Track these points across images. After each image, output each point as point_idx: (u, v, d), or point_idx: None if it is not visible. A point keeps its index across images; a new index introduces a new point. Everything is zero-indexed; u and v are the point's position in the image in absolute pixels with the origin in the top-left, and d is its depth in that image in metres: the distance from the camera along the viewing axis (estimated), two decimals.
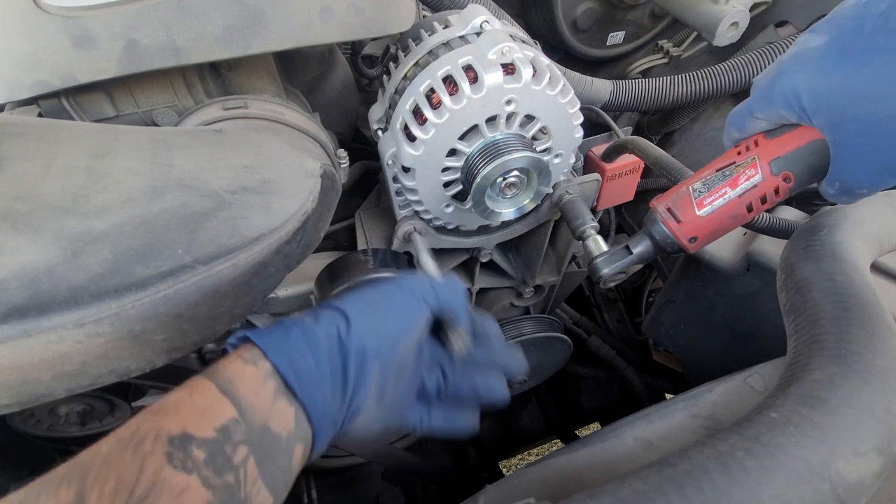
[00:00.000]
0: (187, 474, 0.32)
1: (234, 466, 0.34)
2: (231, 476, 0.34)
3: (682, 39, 1.03)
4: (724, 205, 0.50)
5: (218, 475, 0.33)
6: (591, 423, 1.37)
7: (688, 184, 0.52)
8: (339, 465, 1.08)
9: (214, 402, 0.36)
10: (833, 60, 0.41)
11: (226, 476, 0.34)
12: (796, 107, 0.43)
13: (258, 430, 0.37)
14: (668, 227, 0.53)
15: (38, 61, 0.49)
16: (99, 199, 0.39)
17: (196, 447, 0.33)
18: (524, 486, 0.44)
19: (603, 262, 0.58)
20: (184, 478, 0.32)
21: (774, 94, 0.45)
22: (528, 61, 0.55)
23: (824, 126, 0.43)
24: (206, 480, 0.33)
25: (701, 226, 0.51)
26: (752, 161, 0.48)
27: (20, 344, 0.33)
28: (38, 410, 0.73)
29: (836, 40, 0.41)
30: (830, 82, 0.41)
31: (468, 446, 1.22)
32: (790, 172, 0.47)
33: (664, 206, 0.53)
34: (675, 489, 0.30)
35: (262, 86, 0.62)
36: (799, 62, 0.43)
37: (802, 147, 0.46)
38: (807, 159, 0.46)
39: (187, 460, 0.33)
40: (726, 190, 0.49)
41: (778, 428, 0.33)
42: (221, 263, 0.39)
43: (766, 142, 0.48)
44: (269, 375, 0.39)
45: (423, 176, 0.59)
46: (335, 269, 0.62)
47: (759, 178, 0.48)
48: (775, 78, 0.45)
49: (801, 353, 0.38)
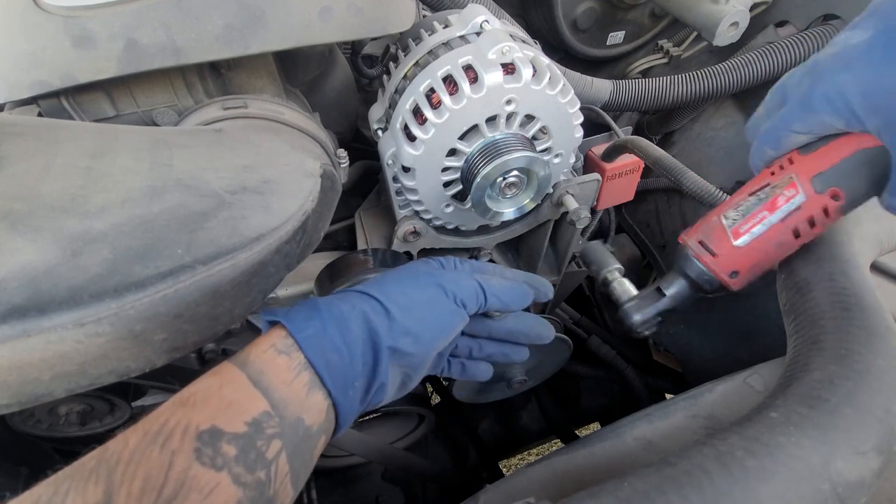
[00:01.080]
0: (217, 472, 0.31)
1: (266, 462, 0.33)
2: (263, 472, 0.33)
3: (682, 39, 1.03)
4: (766, 231, 0.44)
5: (249, 472, 0.32)
6: (591, 423, 1.37)
7: (719, 213, 0.47)
8: (339, 465, 1.07)
9: (245, 394, 0.35)
10: (884, 55, 0.36)
11: (258, 472, 0.33)
12: (845, 111, 0.38)
13: (292, 423, 0.36)
14: (703, 263, 0.47)
15: (38, 61, 0.49)
16: (98, 199, 0.39)
17: (226, 443, 0.32)
18: (524, 486, 0.44)
19: (633, 307, 0.52)
20: (213, 476, 0.31)
21: (816, 100, 0.39)
22: (528, 61, 0.55)
23: (882, 129, 0.37)
24: (237, 478, 0.32)
25: (741, 257, 0.46)
26: (789, 181, 0.43)
27: (20, 344, 0.33)
28: (38, 410, 0.73)
29: (884, 33, 0.37)
30: (885, 79, 0.36)
31: (468, 446, 1.22)
32: (838, 189, 0.41)
33: (695, 239, 0.48)
34: (675, 489, 0.30)
35: (261, 86, 0.62)
36: (842, 61, 0.38)
37: (849, 158, 0.40)
38: (857, 171, 0.40)
39: (217, 457, 0.32)
40: (764, 214, 0.44)
41: (778, 427, 0.33)
42: (221, 263, 0.39)
43: (802, 158, 0.42)
44: (303, 368, 0.38)
45: (423, 176, 0.59)
46: (335, 268, 0.62)
47: (801, 198, 0.42)
48: (815, 82, 0.40)
49: (801, 353, 0.38)
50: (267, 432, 0.34)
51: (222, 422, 0.33)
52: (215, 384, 0.36)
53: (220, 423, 0.33)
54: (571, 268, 0.84)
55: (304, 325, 0.40)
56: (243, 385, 0.36)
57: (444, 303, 0.46)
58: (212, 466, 0.31)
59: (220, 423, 0.33)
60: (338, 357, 0.40)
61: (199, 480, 0.31)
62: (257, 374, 0.37)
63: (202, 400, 0.35)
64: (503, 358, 0.56)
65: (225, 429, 0.33)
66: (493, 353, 0.55)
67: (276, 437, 0.35)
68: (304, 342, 0.39)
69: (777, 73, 0.83)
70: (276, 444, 0.34)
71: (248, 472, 0.32)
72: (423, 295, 0.45)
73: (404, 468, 0.92)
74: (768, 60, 0.82)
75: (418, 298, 0.45)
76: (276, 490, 0.34)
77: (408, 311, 0.43)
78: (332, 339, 0.40)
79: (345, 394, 0.40)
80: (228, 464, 0.32)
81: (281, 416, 0.35)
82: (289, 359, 0.38)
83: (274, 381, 0.37)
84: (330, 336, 0.40)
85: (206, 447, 0.32)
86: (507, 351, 0.56)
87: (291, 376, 0.38)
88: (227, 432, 0.33)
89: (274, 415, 0.35)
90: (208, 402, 0.34)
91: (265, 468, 0.33)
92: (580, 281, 0.95)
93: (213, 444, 0.32)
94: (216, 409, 0.34)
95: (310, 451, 0.38)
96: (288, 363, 0.38)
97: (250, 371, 0.37)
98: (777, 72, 0.83)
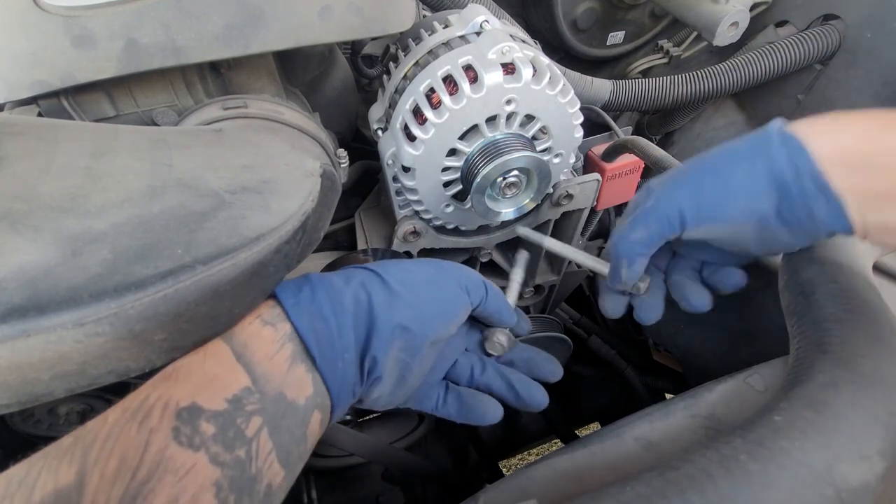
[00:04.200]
0: (194, 452, 0.30)
1: (246, 439, 0.33)
2: (242, 450, 0.32)
3: (682, 39, 1.03)
4: None
5: (228, 450, 0.32)
6: (591, 423, 1.37)
7: None
8: (339, 464, 1.07)
9: (227, 368, 0.35)
10: None
11: (237, 451, 0.32)
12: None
13: (273, 398, 0.35)
14: None
15: (38, 61, 0.49)
16: (98, 198, 0.39)
17: (205, 420, 0.32)
18: (524, 486, 0.43)
19: None
20: (190, 456, 0.30)
21: None
22: (528, 61, 0.54)
23: None
24: (215, 457, 0.31)
25: None
26: None
27: (19, 344, 0.33)
28: (37, 410, 0.73)
29: None
30: None
31: (468, 446, 1.22)
32: None
33: None
34: (678, 493, 0.30)
35: (261, 85, 0.62)
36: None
37: None
38: None
39: (195, 436, 0.31)
40: None
41: (781, 431, 0.32)
42: (221, 263, 0.39)
43: None
44: (288, 338, 0.37)
45: (423, 176, 0.58)
46: (335, 268, 0.62)
47: None
48: None
49: (805, 355, 0.38)
50: (247, 409, 0.33)
51: (203, 398, 0.32)
52: (199, 358, 0.35)
53: (201, 400, 0.32)
54: (571, 268, 0.84)
55: (292, 294, 0.39)
56: (226, 359, 0.35)
57: (447, 283, 0.45)
58: (189, 446, 0.31)
59: (200, 399, 0.32)
60: (325, 327, 0.39)
61: (175, 461, 0.30)
62: (241, 348, 0.36)
63: (185, 374, 0.34)
64: (508, 392, 0.51)
65: (204, 406, 0.32)
66: (496, 384, 0.51)
67: (255, 414, 0.34)
68: (291, 309, 0.38)
69: (777, 73, 0.83)
70: (256, 420, 0.34)
71: (226, 451, 0.32)
72: (425, 272, 0.44)
73: (404, 468, 0.91)
74: (768, 60, 0.82)
75: (420, 275, 0.44)
76: (260, 468, 0.33)
77: (409, 287, 0.42)
78: (320, 307, 0.39)
79: (333, 366, 0.38)
80: (206, 443, 0.31)
81: (262, 392, 0.35)
82: (274, 330, 0.38)
83: (257, 355, 0.36)
84: (319, 304, 0.39)
85: (184, 426, 0.31)
86: (514, 380, 0.52)
87: (274, 349, 0.37)
88: (207, 409, 0.32)
89: (255, 390, 0.34)
90: (190, 377, 0.34)
91: (245, 446, 0.32)
92: (580, 281, 0.95)
93: (191, 423, 0.31)
94: (198, 384, 0.33)
95: (298, 426, 0.37)
96: (272, 335, 0.37)
97: (234, 344, 0.36)
98: (777, 72, 0.83)
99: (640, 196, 0.50)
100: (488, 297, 0.48)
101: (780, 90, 0.90)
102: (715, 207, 0.43)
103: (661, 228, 0.46)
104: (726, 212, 0.43)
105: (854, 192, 0.38)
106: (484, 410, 0.51)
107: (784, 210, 0.41)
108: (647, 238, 0.47)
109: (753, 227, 0.43)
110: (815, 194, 0.39)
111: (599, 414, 1.30)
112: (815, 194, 0.39)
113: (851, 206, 0.38)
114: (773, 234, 0.42)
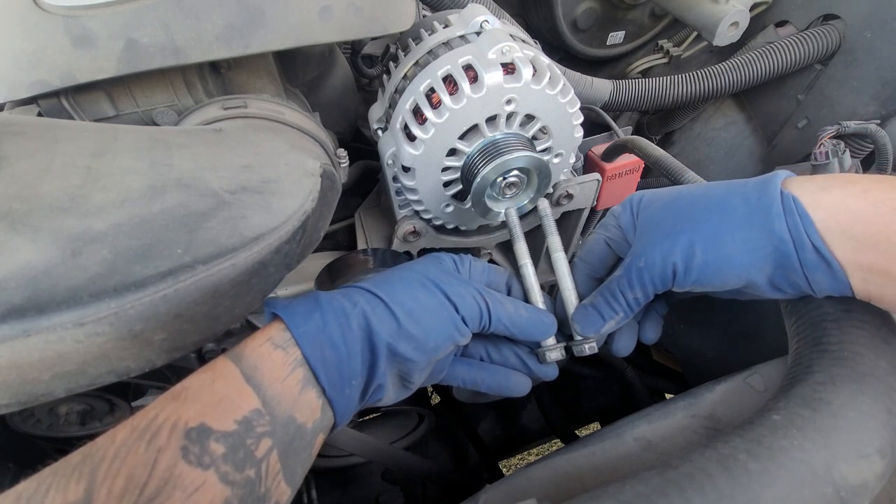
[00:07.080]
0: (203, 470, 0.31)
1: (256, 460, 0.33)
2: (252, 470, 0.32)
3: (682, 39, 1.03)
4: None
5: (238, 470, 0.32)
6: (591, 423, 1.37)
7: None
8: (339, 464, 1.07)
9: (236, 390, 0.35)
10: None
11: (247, 471, 0.32)
12: None
13: (283, 421, 0.35)
14: None
15: (38, 60, 0.49)
16: (98, 198, 0.39)
17: (214, 441, 0.32)
18: (524, 486, 0.43)
19: None
20: (199, 474, 0.31)
21: None
22: (528, 61, 0.54)
23: None
24: (225, 476, 0.31)
25: None
26: None
27: (19, 344, 0.33)
28: (37, 410, 0.73)
29: None
30: None
31: (468, 446, 1.22)
32: None
33: None
34: (677, 492, 0.30)
35: (261, 85, 0.62)
36: None
37: None
38: None
39: (204, 455, 0.31)
40: None
41: (780, 430, 0.33)
42: (221, 263, 0.39)
43: None
44: (299, 364, 0.38)
45: (423, 175, 0.58)
46: (335, 268, 0.62)
47: None
48: None
49: (803, 354, 0.38)
50: (257, 430, 0.34)
51: (212, 419, 0.33)
52: (208, 378, 0.35)
53: (210, 421, 0.33)
54: None
55: (302, 320, 0.40)
56: (236, 380, 0.35)
57: (448, 314, 0.45)
58: (198, 465, 0.31)
59: (209, 420, 0.33)
60: (335, 354, 0.39)
61: (184, 479, 0.30)
62: (251, 370, 0.36)
63: (194, 395, 0.34)
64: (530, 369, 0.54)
65: (214, 426, 0.32)
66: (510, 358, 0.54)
67: (266, 436, 0.34)
68: (301, 338, 0.39)
69: (777, 73, 0.83)
70: (266, 442, 0.34)
71: (236, 471, 0.32)
72: (431, 303, 0.44)
73: (404, 468, 0.91)
74: (768, 60, 0.82)
75: (425, 304, 0.44)
76: (268, 487, 0.34)
77: (413, 317, 0.42)
78: (330, 336, 0.39)
79: (340, 392, 0.39)
80: (216, 462, 0.31)
81: (272, 415, 0.35)
82: (284, 354, 0.38)
83: (267, 378, 0.36)
84: (329, 332, 0.39)
85: (193, 445, 0.31)
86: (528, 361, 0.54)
87: (285, 373, 0.37)
88: (216, 430, 0.32)
89: (265, 413, 0.35)
90: (200, 397, 0.34)
91: (254, 466, 0.33)
92: None
93: (200, 442, 0.32)
94: (207, 405, 0.34)
95: (305, 448, 0.37)
96: (283, 359, 0.38)
97: (244, 366, 0.36)
98: (777, 72, 0.83)
99: (614, 232, 0.52)
100: (492, 326, 0.47)
101: (780, 90, 0.90)
102: (707, 273, 0.42)
103: (654, 289, 0.46)
104: (718, 278, 0.42)
105: (860, 267, 0.37)
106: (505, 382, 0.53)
107: (778, 278, 0.40)
108: (642, 298, 0.47)
109: (744, 286, 0.42)
110: (816, 265, 0.38)
111: (599, 414, 1.30)
112: (816, 265, 0.38)
113: (855, 279, 0.37)
114: (762, 294, 0.43)
